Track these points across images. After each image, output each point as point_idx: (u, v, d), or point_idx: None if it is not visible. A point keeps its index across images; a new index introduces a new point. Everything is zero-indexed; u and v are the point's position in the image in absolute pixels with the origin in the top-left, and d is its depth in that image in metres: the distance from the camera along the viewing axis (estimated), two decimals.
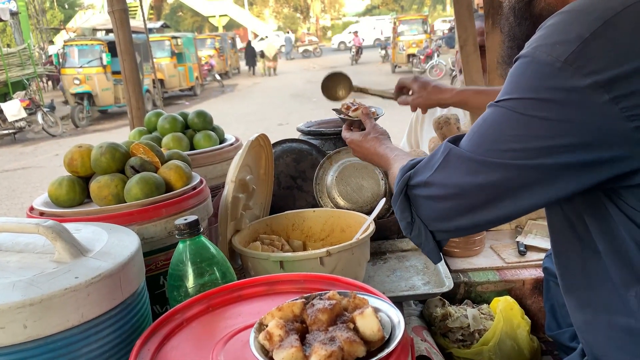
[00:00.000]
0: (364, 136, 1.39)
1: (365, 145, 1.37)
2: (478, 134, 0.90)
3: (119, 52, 2.20)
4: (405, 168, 1.03)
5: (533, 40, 0.85)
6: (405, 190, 1.00)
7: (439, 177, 0.94)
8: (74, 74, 14.69)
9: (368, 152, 1.37)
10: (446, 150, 0.94)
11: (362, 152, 1.41)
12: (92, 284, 0.82)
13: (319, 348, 0.71)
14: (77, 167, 1.28)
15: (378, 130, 1.41)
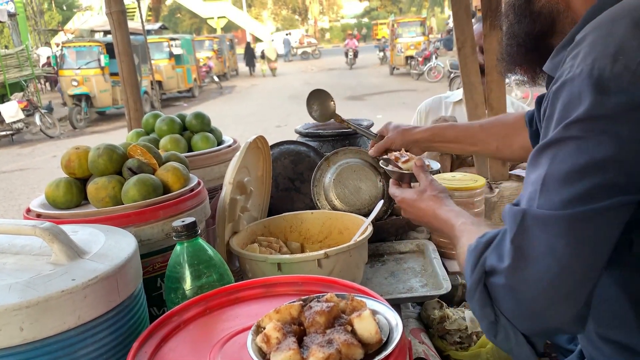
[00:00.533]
0: (419, 194, 1.21)
1: (421, 205, 1.20)
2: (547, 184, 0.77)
3: (117, 54, 2.19)
4: (477, 250, 0.85)
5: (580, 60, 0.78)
6: (482, 280, 0.82)
7: (519, 254, 0.78)
8: (71, 76, 14.69)
9: (424, 213, 1.19)
10: (518, 217, 0.79)
11: (417, 214, 1.23)
12: (89, 286, 0.82)
13: (317, 351, 0.71)
14: (75, 169, 1.28)
15: (436, 187, 1.22)
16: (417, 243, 1.77)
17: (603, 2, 0.88)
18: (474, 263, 0.85)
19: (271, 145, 1.86)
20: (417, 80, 19.00)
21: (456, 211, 1.11)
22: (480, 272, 0.83)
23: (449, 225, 1.08)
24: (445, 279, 1.47)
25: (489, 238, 0.85)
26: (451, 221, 1.08)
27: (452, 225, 1.07)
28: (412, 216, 1.26)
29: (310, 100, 1.84)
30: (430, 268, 1.61)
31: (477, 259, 0.84)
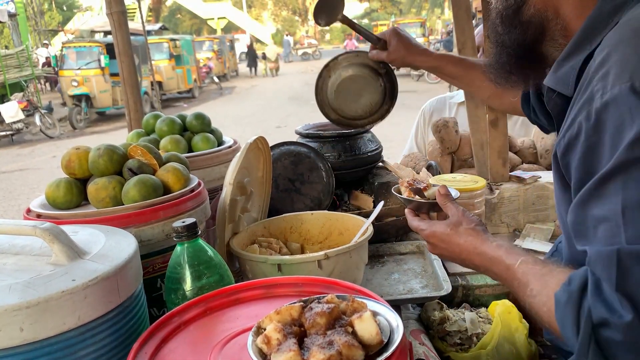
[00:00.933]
0: (454, 228, 1.07)
1: (458, 240, 1.06)
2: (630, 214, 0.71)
3: (117, 54, 2.19)
4: (572, 301, 0.76)
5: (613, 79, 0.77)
6: (593, 337, 0.73)
7: (633, 302, 0.69)
8: (72, 76, 14.70)
9: (462, 249, 1.06)
10: (611, 259, 0.72)
11: (452, 250, 1.09)
12: (89, 286, 0.82)
13: (317, 352, 0.71)
14: (75, 169, 1.28)
15: (471, 219, 1.08)
16: (417, 244, 1.77)
17: (600, 10, 0.88)
18: (575, 318, 0.75)
19: (271, 146, 1.86)
20: (417, 81, 19.01)
21: (506, 247, 0.98)
22: (588, 328, 0.73)
23: (502, 265, 0.95)
24: (445, 280, 1.47)
25: (580, 284, 0.76)
26: (504, 260, 0.95)
27: (506, 265, 0.94)
28: (445, 253, 1.11)
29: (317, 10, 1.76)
30: (430, 269, 1.61)
31: (578, 312, 0.75)
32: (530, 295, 0.86)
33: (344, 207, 2.02)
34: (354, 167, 2.02)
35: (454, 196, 1.18)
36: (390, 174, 2.11)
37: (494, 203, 1.92)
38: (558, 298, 0.79)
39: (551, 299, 0.80)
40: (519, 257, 0.93)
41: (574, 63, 0.91)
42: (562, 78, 0.93)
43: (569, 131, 0.84)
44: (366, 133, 2.09)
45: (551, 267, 0.87)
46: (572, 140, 0.83)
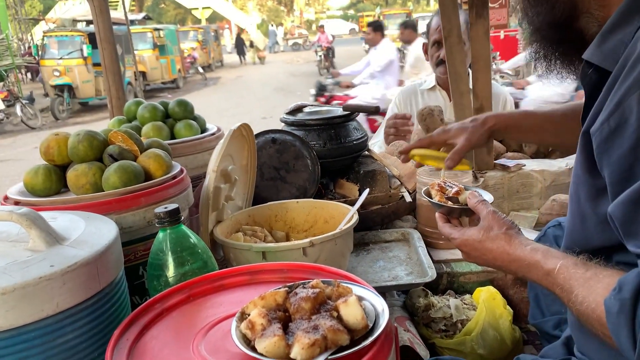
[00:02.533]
0: (486, 232, 1.01)
1: (491, 246, 0.99)
2: None
3: (99, 42, 2.15)
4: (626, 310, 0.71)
5: None
6: None
7: None
8: (53, 66, 14.44)
9: (495, 255, 0.99)
10: None
11: (486, 257, 1.02)
12: (68, 272, 0.80)
13: (302, 337, 0.70)
14: (54, 156, 1.25)
15: (504, 221, 1.01)
16: (402, 232, 1.77)
17: None
18: (629, 328, 0.70)
19: (256, 134, 1.84)
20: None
21: (542, 251, 0.91)
22: None
23: (541, 271, 0.89)
24: (430, 267, 1.47)
25: (633, 291, 0.71)
26: (542, 266, 0.89)
27: (546, 271, 0.88)
28: (480, 260, 1.05)
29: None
30: (415, 256, 1.61)
31: (633, 322, 0.70)
32: (576, 302, 0.80)
33: (329, 195, 2.01)
34: (340, 155, 2.01)
35: (488, 200, 1.12)
36: (376, 162, 2.10)
37: None
38: (609, 306, 0.73)
39: (600, 305, 0.75)
40: (558, 260, 0.87)
41: (623, 36, 0.81)
42: (609, 53, 0.83)
43: (615, 114, 0.76)
44: (352, 121, 2.08)
45: (595, 270, 0.81)
46: (620, 124, 0.75)
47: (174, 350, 0.79)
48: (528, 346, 1.58)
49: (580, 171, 0.90)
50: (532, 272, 0.91)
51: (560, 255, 0.88)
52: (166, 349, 0.79)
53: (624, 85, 0.75)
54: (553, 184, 1.94)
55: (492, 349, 1.40)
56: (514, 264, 0.95)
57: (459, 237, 1.07)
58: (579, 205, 0.93)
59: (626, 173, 0.75)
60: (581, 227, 0.93)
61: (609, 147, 0.78)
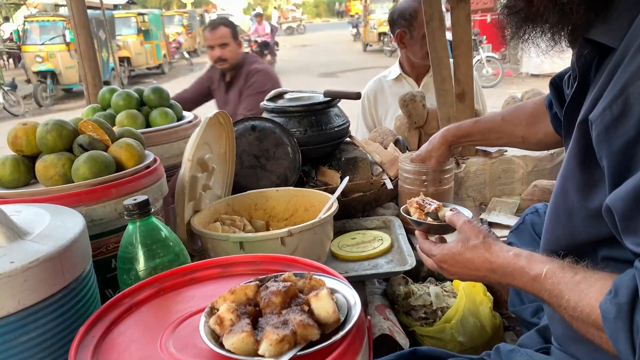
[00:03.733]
0: (463, 244, 0.97)
1: (470, 256, 0.95)
2: None
3: (73, 27, 2.10)
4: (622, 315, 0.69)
5: None
6: None
7: None
8: (35, 52, 14.17)
9: (476, 265, 0.95)
10: None
11: (466, 268, 0.98)
12: (30, 268, 0.77)
13: (271, 332, 0.69)
14: (22, 146, 1.21)
15: (479, 229, 0.98)
16: (383, 219, 1.76)
17: None
18: (628, 334, 0.68)
19: (235, 122, 1.81)
20: (391, 57, 18.91)
21: (525, 256, 0.87)
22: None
23: (526, 277, 0.85)
24: (410, 255, 1.46)
25: (629, 295, 0.69)
26: (528, 271, 0.85)
27: (532, 277, 0.84)
28: (461, 274, 1.01)
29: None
30: (395, 244, 1.60)
31: (630, 326, 0.68)
32: (568, 307, 0.77)
33: (311, 183, 1.98)
34: (321, 142, 1.98)
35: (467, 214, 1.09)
36: (358, 149, 2.08)
37: (461, 177, 1.91)
38: (605, 311, 0.70)
39: (595, 310, 0.72)
40: (544, 265, 0.83)
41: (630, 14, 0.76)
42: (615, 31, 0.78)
43: (619, 101, 0.72)
44: (333, 108, 2.05)
45: (584, 273, 0.78)
46: (624, 112, 0.71)
47: (141, 347, 0.77)
48: (509, 332, 1.58)
49: (574, 162, 0.85)
50: (517, 279, 0.88)
51: (545, 259, 0.85)
52: (133, 346, 0.77)
53: (629, 69, 0.71)
54: (535, 169, 1.94)
55: (472, 336, 1.40)
56: (497, 272, 0.92)
57: (438, 252, 1.03)
58: (565, 199, 0.89)
59: (628, 163, 0.72)
60: (567, 222, 0.90)
61: (611, 135, 0.73)
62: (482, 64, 10.42)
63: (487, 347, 1.26)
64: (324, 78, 14.29)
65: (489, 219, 1.78)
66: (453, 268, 1.00)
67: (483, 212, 1.87)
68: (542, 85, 7.33)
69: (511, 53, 12.33)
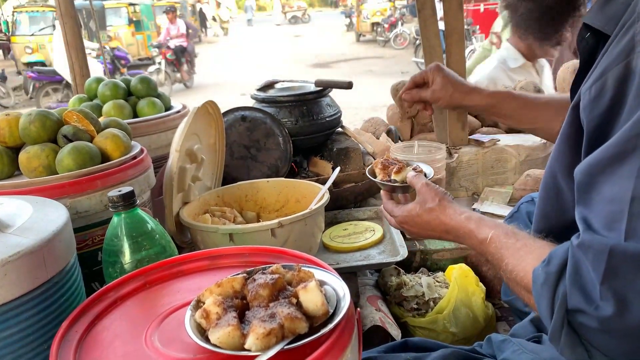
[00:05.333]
0: (421, 205, 1.02)
1: (427, 218, 1.01)
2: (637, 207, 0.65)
3: (59, 16, 2.05)
4: (549, 282, 0.72)
5: None
6: (565, 319, 0.71)
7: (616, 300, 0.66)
8: (25, 43, 14.01)
9: (434, 227, 1.01)
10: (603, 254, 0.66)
11: (425, 229, 1.03)
12: (10, 262, 0.75)
13: (257, 326, 0.67)
14: (5, 137, 1.18)
15: (436, 191, 1.02)
16: (375, 210, 1.75)
17: None
18: (549, 299, 0.72)
19: (225, 112, 1.78)
20: (384, 47, 18.85)
21: (475, 219, 0.93)
22: (562, 312, 0.71)
23: (475, 239, 0.91)
24: (402, 246, 1.45)
25: (558, 265, 0.72)
26: (476, 234, 0.91)
27: (479, 240, 0.90)
28: (421, 234, 1.07)
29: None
30: (387, 235, 1.58)
31: (553, 294, 0.72)
32: (506, 270, 0.83)
33: (303, 173, 1.97)
34: (312, 132, 1.96)
35: (428, 174, 1.13)
36: (350, 139, 2.06)
37: (453, 167, 1.90)
38: (535, 277, 0.75)
39: (528, 274, 0.78)
40: (490, 230, 0.89)
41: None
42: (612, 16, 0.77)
43: (598, 83, 0.73)
44: (325, 97, 2.03)
45: (525, 240, 0.84)
46: (600, 94, 0.72)
47: (125, 341, 0.75)
48: (501, 322, 1.58)
49: (564, 145, 0.87)
50: (467, 240, 0.95)
51: (493, 224, 0.90)
52: (117, 341, 0.75)
53: (613, 52, 0.72)
54: (527, 159, 1.93)
55: (464, 327, 1.39)
56: (451, 233, 0.98)
57: (399, 214, 1.08)
58: (554, 179, 0.91)
59: (594, 143, 0.74)
60: (556, 201, 0.92)
61: (587, 114, 0.76)
62: (475, 53, 10.38)
63: (479, 337, 1.26)
64: (317, 69, 14.23)
65: (481, 209, 1.77)
66: (413, 229, 1.07)
67: (476, 201, 1.86)
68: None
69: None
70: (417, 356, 1.01)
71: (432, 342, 1.09)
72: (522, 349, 0.97)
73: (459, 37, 1.89)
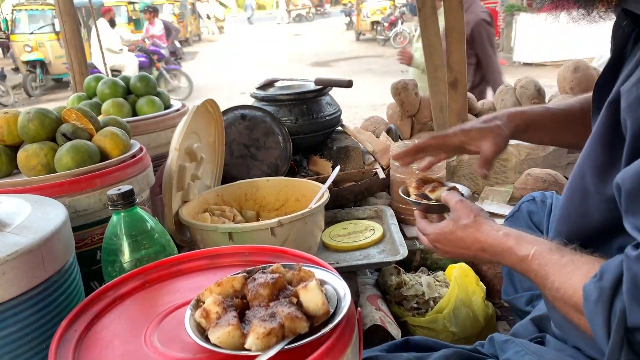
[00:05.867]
0: (455, 222, 0.96)
1: (461, 235, 0.94)
2: None
3: (59, 14, 2.05)
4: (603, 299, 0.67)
5: None
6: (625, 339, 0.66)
7: None
8: (24, 41, 13.99)
9: (469, 244, 0.94)
10: None
11: (459, 247, 0.96)
12: (8, 261, 0.74)
13: (258, 325, 0.66)
14: (4, 135, 1.18)
15: (471, 208, 0.96)
16: (375, 209, 1.74)
17: None
18: (605, 317, 0.67)
19: (224, 110, 1.78)
20: (384, 46, 18.82)
21: (514, 236, 0.86)
22: (621, 331, 0.65)
23: (515, 257, 0.84)
24: (402, 245, 1.45)
25: (613, 280, 0.67)
26: (516, 251, 0.84)
27: (519, 257, 0.83)
28: (454, 252, 0.99)
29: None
30: (387, 234, 1.58)
31: (609, 312, 0.67)
32: (552, 289, 0.77)
33: (303, 172, 1.96)
34: (312, 131, 1.96)
35: (465, 195, 1.07)
36: (350, 138, 2.06)
37: (453, 166, 1.90)
38: (587, 293, 0.69)
39: (578, 292, 0.71)
40: (532, 246, 0.82)
41: None
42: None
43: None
44: (324, 96, 2.02)
45: (571, 256, 0.77)
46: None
47: (125, 341, 0.75)
48: (501, 322, 1.57)
49: (597, 143, 0.81)
50: (506, 258, 0.87)
51: (534, 240, 0.83)
52: (117, 340, 0.75)
53: None
54: (528, 158, 1.92)
55: (464, 326, 1.39)
56: (487, 251, 0.90)
57: (431, 231, 1.01)
58: (582, 179, 0.85)
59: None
60: (581, 203, 0.87)
61: (634, 113, 0.70)
62: None
63: (479, 337, 1.26)
64: (316, 67, 14.21)
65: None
66: (445, 247, 0.99)
67: (476, 201, 1.86)
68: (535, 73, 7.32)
69: (504, 42, 12.30)
70: (418, 356, 1.00)
71: (434, 341, 1.08)
72: (525, 350, 0.96)
73: (459, 35, 1.89)
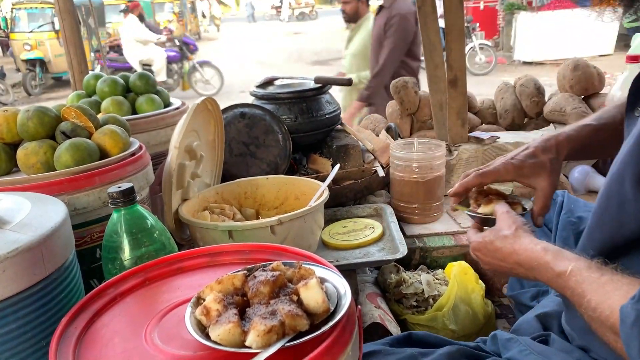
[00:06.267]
0: (496, 232, 0.95)
1: (499, 245, 0.92)
2: None
3: (58, 12, 2.05)
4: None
5: None
6: None
7: None
8: (24, 39, 13.98)
9: (506, 256, 0.91)
10: None
11: (496, 258, 0.94)
12: (8, 258, 0.74)
13: (258, 323, 0.67)
14: (3, 133, 1.18)
15: (513, 220, 0.94)
16: (375, 207, 1.74)
17: None
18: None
19: (224, 109, 1.78)
20: None
21: (553, 251, 0.84)
22: None
23: (551, 272, 0.82)
24: (401, 243, 1.45)
25: None
26: (553, 267, 0.82)
27: (557, 273, 0.81)
28: (491, 264, 0.97)
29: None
30: (387, 232, 1.58)
31: None
32: (588, 308, 0.74)
33: (302, 171, 1.96)
34: (312, 129, 1.96)
35: (527, 207, 1.05)
36: (349, 136, 2.06)
37: (453, 164, 1.90)
38: (624, 315, 0.67)
39: (615, 312, 0.69)
40: (570, 262, 0.79)
41: None
42: None
43: None
44: (324, 94, 2.02)
45: (611, 275, 0.74)
46: None
47: (125, 338, 0.75)
48: (501, 320, 1.57)
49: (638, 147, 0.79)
50: (542, 273, 0.84)
51: (573, 257, 0.81)
52: (117, 338, 0.75)
53: None
54: None
55: (463, 324, 1.39)
56: (523, 265, 0.88)
57: (474, 239, 1.00)
58: (620, 186, 0.82)
59: None
60: (617, 211, 0.84)
61: None
62: (475, 51, 10.38)
63: (479, 334, 1.26)
64: (317, 66, 14.19)
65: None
66: (485, 257, 0.98)
67: None
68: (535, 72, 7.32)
69: (504, 40, 12.29)
70: (422, 352, 0.98)
71: (436, 337, 1.07)
72: (529, 349, 0.95)
73: (458, 34, 1.88)
